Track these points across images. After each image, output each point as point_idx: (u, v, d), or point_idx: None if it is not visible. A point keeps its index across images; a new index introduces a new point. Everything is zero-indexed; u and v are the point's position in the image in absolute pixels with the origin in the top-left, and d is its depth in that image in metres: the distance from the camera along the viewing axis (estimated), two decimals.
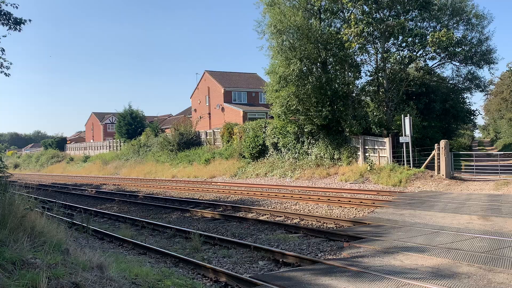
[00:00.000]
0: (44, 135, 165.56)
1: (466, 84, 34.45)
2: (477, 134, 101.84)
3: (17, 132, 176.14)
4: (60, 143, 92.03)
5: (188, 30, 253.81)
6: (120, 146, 66.64)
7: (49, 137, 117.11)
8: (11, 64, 15.13)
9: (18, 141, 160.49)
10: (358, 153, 28.95)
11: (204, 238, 11.97)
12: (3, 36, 14.55)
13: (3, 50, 14.75)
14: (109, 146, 72.31)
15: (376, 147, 27.95)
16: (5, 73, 15.22)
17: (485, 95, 52.85)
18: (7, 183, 9.64)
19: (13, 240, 6.84)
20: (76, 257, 7.04)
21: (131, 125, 65.81)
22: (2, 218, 7.51)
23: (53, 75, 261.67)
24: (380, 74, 30.49)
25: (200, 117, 58.31)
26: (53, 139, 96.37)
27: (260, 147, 36.01)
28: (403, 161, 25.88)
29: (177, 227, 14.06)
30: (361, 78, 31.01)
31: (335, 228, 13.40)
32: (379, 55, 29.77)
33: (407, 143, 25.65)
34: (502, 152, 33.17)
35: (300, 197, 20.35)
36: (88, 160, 69.56)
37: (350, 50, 28.94)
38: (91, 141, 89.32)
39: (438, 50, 28.59)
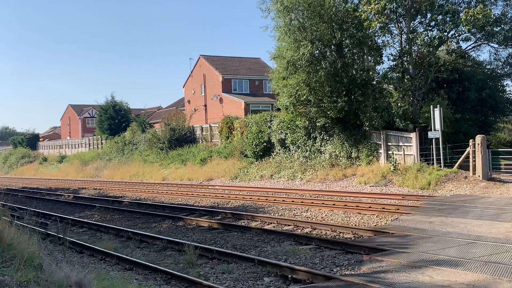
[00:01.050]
0: (13, 131, 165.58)
1: (506, 70, 34.22)
2: None
3: None
4: (32, 141, 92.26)
5: (180, 8, 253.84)
6: (102, 143, 66.79)
7: (19, 134, 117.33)
8: None
9: None
10: (380, 151, 28.92)
11: (200, 250, 11.98)
12: None
13: None
14: (89, 144, 72.47)
15: (400, 144, 27.91)
16: None
17: None
18: None
19: None
20: (51, 274, 7.06)
21: (114, 120, 65.87)
22: None
23: (22, 62, 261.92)
24: (405, 58, 30.37)
25: (195, 109, 58.35)
26: (24, 136, 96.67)
27: (265, 144, 36.00)
28: (432, 160, 25.81)
29: (169, 238, 14.08)
30: (383, 63, 30.90)
31: (353, 238, 13.41)
32: (404, 36, 29.64)
33: (436, 139, 25.59)
34: None
35: (312, 203, 20.34)
36: (64, 161, 69.75)
37: (370, 31, 28.83)
38: (68, 138, 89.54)
39: (473, 30, 28.38)
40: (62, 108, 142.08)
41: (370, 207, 18.37)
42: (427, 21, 29.72)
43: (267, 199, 22.67)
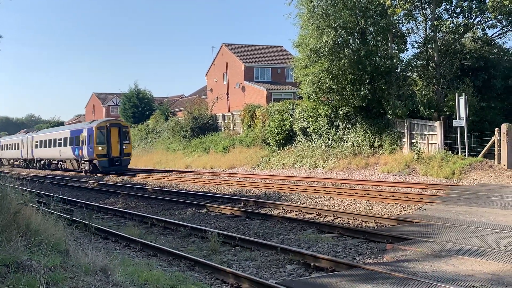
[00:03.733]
0: (39, 119, 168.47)
1: None
2: None
3: (8, 116, 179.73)
4: None
5: None
6: None
7: (44, 122, 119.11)
8: (0, 37, 15.26)
9: (8, 126, 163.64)
10: (403, 140, 28.68)
11: (223, 238, 12.05)
12: None
13: None
14: None
15: (424, 133, 27.64)
16: None
17: None
18: None
19: (6, 239, 6.98)
20: (77, 259, 7.17)
21: (138, 108, 66.36)
22: None
23: (47, 51, 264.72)
24: (429, 46, 30.01)
25: (217, 98, 58.45)
26: (49, 123, 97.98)
27: (287, 132, 35.96)
28: (457, 149, 25.53)
29: (192, 225, 14.17)
30: (407, 50, 30.77)
31: (375, 227, 13.35)
32: (429, 23, 29.33)
33: (461, 128, 25.29)
34: None
35: (334, 191, 20.27)
36: None
37: (394, 18, 28.57)
38: None
39: (499, 17, 27.99)
40: (87, 96, 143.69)
41: (393, 196, 18.25)
42: (452, 7, 29.42)
43: (289, 188, 22.67)
